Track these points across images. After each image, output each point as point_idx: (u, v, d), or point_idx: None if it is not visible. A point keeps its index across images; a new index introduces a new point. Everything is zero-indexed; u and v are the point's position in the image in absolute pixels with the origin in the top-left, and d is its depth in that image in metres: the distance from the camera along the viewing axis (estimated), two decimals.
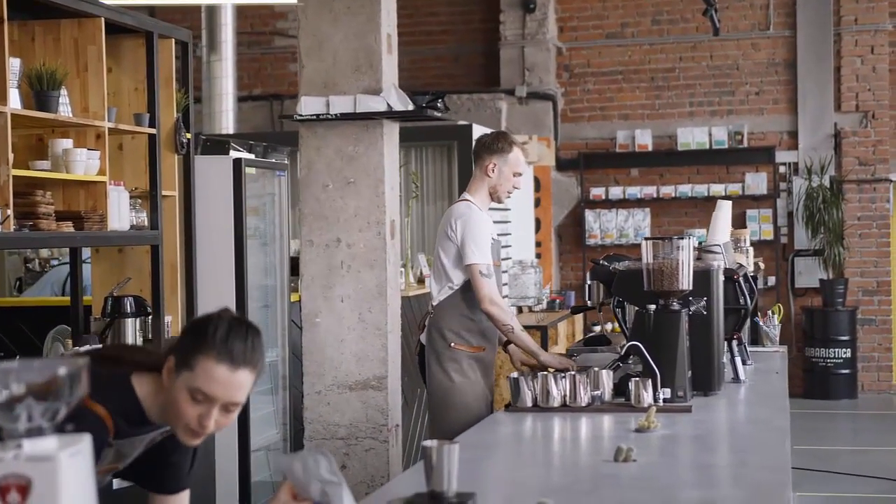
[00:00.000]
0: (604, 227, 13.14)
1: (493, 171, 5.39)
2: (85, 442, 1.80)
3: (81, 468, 1.78)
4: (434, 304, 5.39)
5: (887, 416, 11.89)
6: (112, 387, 2.71)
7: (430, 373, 5.37)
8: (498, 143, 5.42)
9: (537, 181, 12.59)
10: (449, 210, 5.47)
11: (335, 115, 5.83)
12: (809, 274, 12.78)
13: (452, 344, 5.30)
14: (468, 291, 5.29)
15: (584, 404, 4.31)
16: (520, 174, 5.46)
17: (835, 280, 12.55)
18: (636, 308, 4.65)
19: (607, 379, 4.43)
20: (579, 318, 11.51)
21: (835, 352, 12.43)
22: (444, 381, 5.29)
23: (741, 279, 5.16)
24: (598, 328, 12.61)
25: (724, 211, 5.69)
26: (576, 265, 13.34)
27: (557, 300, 11.34)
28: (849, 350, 12.46)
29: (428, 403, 5.48)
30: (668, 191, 12.99)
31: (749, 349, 5.98)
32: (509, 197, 5.54)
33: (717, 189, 12.79)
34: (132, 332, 5.55)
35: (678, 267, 4.47)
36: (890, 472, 8.85)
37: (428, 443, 2.76)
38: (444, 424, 5.21)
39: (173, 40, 6.06)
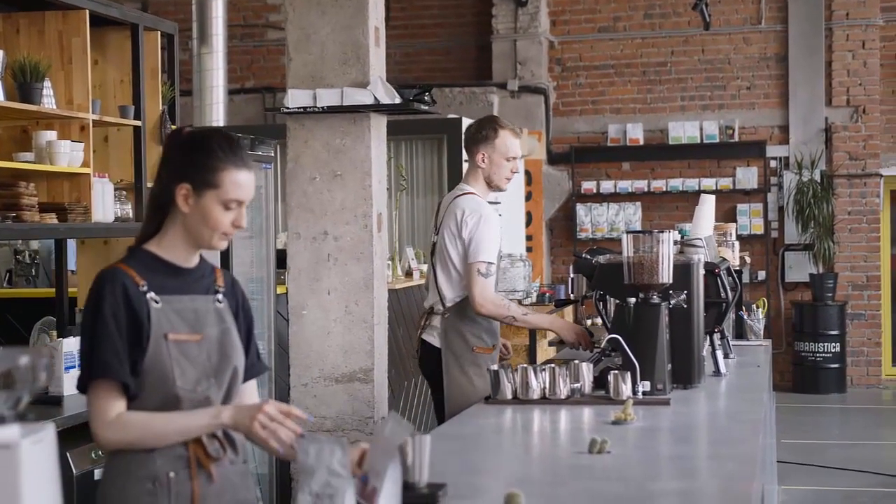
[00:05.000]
0: (595, 220, 13.16)
1: (483, 160, 5.26)
2: (48, 430, 1.82)
3: (44, 456, 1.80)
4: (447, 304, 5.22)
5: (876, 411, 11.92)
6: (128, 259, 2.93)
7: (449, 376, 5.21)
8: (482, 130, 5.28)
9: (529, 175, 12.62)
10: (454, 203, 5.26)
11: (322, 107, 5.83)
12: (799, 268, 12.81)
13: (474, 348, 5.19)
14: None
15: (563, 397, 4.33)
16: (513, 158, 5.28)
17: (825, 274, 12.58)
18: (617, 301, 4.67)
19: (587, 372, 4.44)
20: (569, 311, 11.54)
21: (824, 346, 12.46)
22: (465, 385, 5.14)
23: (723, 273, 5.17)
24: (589, 321, 12.64)
25: (708, 205, 5.72)
26: (567, 259, 13.34)
27: (548, 294, 11.36)
28: (838, 344, 12.49)
29: (446, 405, 5.24)
30: (659, 185, 13.02)
31: (733, 343, 6.01)
32: (509, 182, 5.36)
33: (708, 183, 12.81)
34: None
35: (658, 260, 4.48)
36: (878, 466, 8.88)
37: None
38: None
39: (159, 32, 6.07)
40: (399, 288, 7.72)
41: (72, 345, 4.94)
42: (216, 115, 11.09)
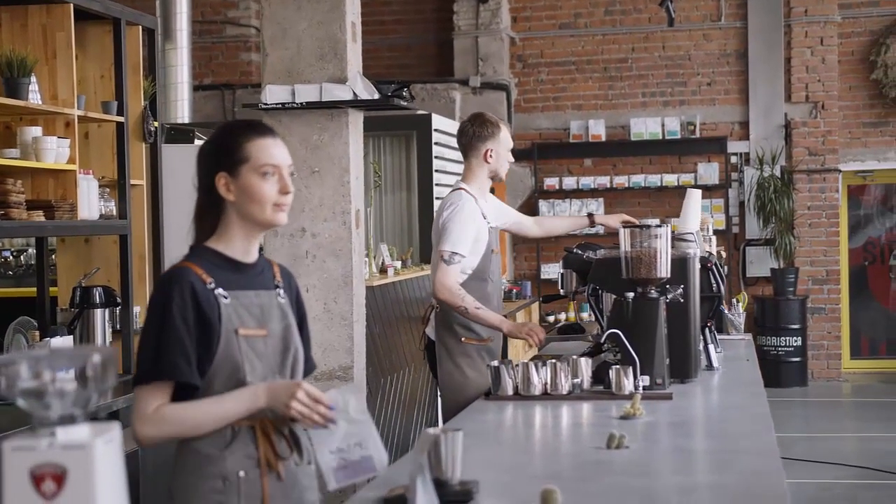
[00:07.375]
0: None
1: (490, 156, 5.40)
2: (115, 429, 1.78)
3: (114, 455, 1.76)
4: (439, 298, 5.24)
5: (837, 404, 12.04)
6: (191, 257, 2.92)
7: (442, 369, 5.27)
8: (487, 128, 5.40)
9: None
10: (443, 200, 5.40)
11: (301, 103, 5.79)
12: (760, 263, 12.91)
13: (463, 339, 5.24)
14: (473, 283, 5.22)
15: (564, 392, 4.32)
16: (511, 148, 5.53)
17: (785, 269, 12.69)
18: (614, 296, 4.66)
19: (586, 367, 4.44)
20: (535, 307, 11.56)
21: (785, 340, 12.57)
22: (457, 377, 5.22)
23: (713, 266, 5.20)
24: (551, 318, 12.67)
25: (695, 199, 5.73)
26: (530, 255, 13.37)
27: (514, 290, 11.38)
28: (799, 338, 12.61)
29: (441, 398, 5.36)
30: (621, 181, 13.05)
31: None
32: (507, 169, 5.58)
33: (670, 179, 12.87)
34: (101, 322, 5.47)
35: (656, 255, 4.49)
36: (844, 458, 8.98)
37: (432, 430, 2.76)
38: None
39: (140, 27, 5.98)
40: (375, 285, 7.68)
41: (59, 344, 4.86)
42: (181, 111, 11.01)
